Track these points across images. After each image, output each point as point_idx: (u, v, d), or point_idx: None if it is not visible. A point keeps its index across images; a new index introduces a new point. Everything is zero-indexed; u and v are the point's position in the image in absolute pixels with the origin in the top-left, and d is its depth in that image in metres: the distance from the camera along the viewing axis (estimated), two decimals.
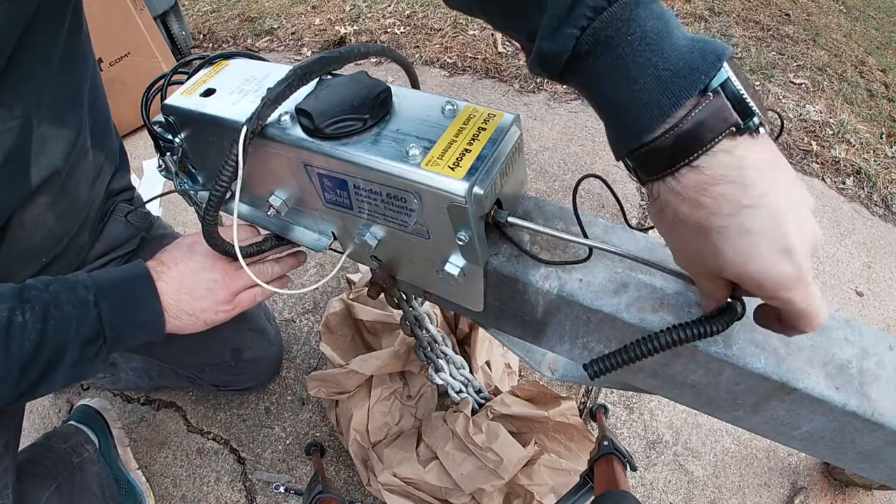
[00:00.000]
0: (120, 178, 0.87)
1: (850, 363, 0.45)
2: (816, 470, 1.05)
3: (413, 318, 0.79)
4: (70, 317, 0.52)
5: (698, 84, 0.33)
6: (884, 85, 2.06)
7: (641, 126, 0.34)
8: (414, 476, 0.92)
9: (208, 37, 2.47)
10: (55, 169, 0.66)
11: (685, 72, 0.33)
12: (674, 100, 0.33)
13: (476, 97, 1.90)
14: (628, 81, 0.34)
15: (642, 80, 0.34)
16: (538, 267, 0.49)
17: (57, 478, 0.84)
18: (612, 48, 0.34)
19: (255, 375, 1.11)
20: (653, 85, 0.33)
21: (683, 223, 0.35)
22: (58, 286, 0.53)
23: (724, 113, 0.33)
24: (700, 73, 0.32)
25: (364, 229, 0.53)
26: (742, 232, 0.32)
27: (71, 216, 0.74)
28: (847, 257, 1.43)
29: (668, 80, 0.33)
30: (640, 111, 0.34)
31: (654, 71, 0.33)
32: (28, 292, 0.51)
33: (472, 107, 0.48)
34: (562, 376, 0.68)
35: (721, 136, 0.33)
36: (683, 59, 0.33)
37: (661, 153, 0.34)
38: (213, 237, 0.54)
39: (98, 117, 0.75)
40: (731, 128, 0.33)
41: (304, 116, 0.48)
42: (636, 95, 0.34)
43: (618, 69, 0.34)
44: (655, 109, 0.33)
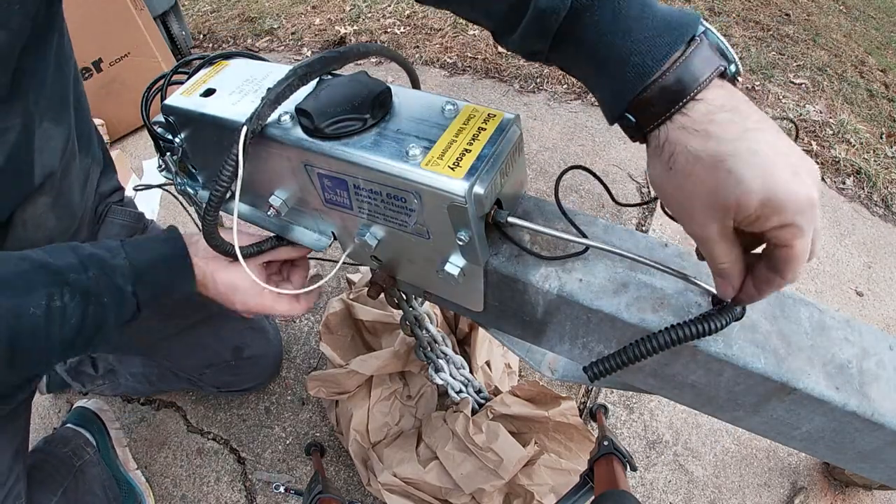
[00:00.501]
0: (107, 181, 0.88)
1: (850, 363, 0.45)
2: (816, 470, 1.05)
3: (413, 318, 0.79)
4: (109, 305, 0.53)
5: (688, 33, 0.36)
6: (884, 85, 2.06)
7: (644, 69, 0.36)
8: (414, 476, 0.92)
9: (208, 37, 2.47)
10: (52, 169, 0.66)
11: (675, 24, 0.36)
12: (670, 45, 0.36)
13: (476, 97, 1.90)
14: (625, 31, 0.37)
15: (638, 30, 0.37)
16: (538, 267, 0.49)
17: (62, 483, 0.84)
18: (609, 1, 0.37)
19: (255, 374, 1.11)
20: (650, 34, 0.36)
21: (696, 159, 0.35)
22: (96, 270, 0.52)
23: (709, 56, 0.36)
24: (687, 25, 0.36)
25: (364, 229, 0.53)
26: (753, 152, 0.33)
27: (68, 217, 0.74)
28: (847, 257, 1.43)
29: (662, 28, 0.36)
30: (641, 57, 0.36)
31: (648, 21, 0.37)
32: (67, 275, 0.51)
33: (472, 107, 0.48)
34: (562, 376, 0.68)
35: (713, 73, 0.36)
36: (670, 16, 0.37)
37: (667, 91, 0.36)
38: (213, 238, 0.54)
39: (81, 120, 0.76)
40: (719, 67, 0.36)
41: (304, 116, 0.48)
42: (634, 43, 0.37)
43: (614, 21, 0.37)
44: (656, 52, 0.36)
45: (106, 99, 1.84)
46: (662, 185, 0.38)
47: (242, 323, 1.03)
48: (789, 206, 0.33)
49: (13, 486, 0.71)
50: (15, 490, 0.71)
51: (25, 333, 0.49)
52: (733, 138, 0.34)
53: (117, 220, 0.88)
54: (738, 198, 0.34)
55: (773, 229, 0.34)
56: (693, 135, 0.35)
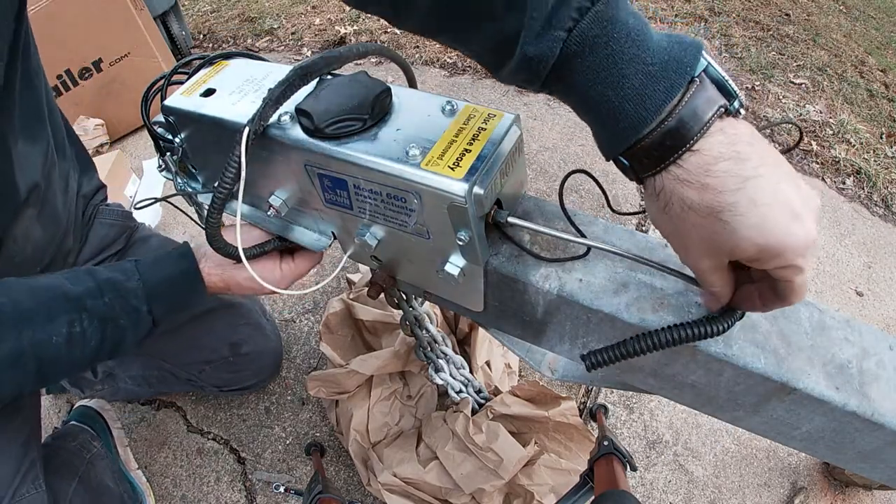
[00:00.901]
0: (88, 181, 0.88)
1: (850, 363, 0.45)
2: (816, 470, 1.05)
3: (413, 318, 0.79)
4: (126, 326, 0.57)
5: (686, 75, 0.34)
6: (884, 85, 2.06)
7: (638, 120, 0.34)
8: (414, 476, 0.92)
9: (208, 37, 2.47)
10: (35, 182, 0.68)
11: (673, 65, 0.34)
12: (667, 91, 0.34)
13: (476, 97, 1.90)
14: (618, 79, 0.35)
15: (632, 76, 0.34)
16: (538, 267, 0.49)
17: (76, 471, 0.84)
18: (600, 47, 0.34)
19: (255, 372, 1.11)
20: (644, 79, 0.34)
21: (692, 210, 0.35)
22: (111, 294, 0.56)
23: (712, 96, 0.34)
24: (685, 64, 0.34)
25: (364, 229, 0.53)
26: (751, 203, 0.33)
27: (54, 225, 0.76)
28: (847, 257, 1.43)
29: (658, 73, 0.34)
30: (635, 106, 0.34)
31: (642, 66, 0.34)
32: (84, 301, 0.55)
33: (472, 107, 0.48)
34: (562, 376, 0.68)
35: (713, 118, 0.34)
36: (667, 52, 0.34)
37: (662, 143, 0.34)
38: (216, 240, 0.54)
39: (55, 126, 0.77)
40: (720, 109, 0.34)
41: (305, 116, 0.48)
42: (629, 91, 0.34)
43: (606, 68, 0.35)
44: (650, 102, 0.34)
45: (106, 99, 1.84)
46: (658, 223, 0.39)
47: (238, 319, 1.03)
48: (787, 252, 0.33)
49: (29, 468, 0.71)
50: (32, 473, 0.71)
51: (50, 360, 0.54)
52: (731, 190, 0.33)
53: (106, 220, 0.89)
54: (734, 246, 0.34)
55: (773, 269, 0.35)
56: (688, 186, 0.34)
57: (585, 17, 0.34)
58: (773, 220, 0.32)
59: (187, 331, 0.96)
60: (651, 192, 0.37)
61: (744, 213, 0.33)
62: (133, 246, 0.92)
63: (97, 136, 1.83)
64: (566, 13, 0.34)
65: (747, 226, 0.33)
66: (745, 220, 0.33)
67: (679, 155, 0.34)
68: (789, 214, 0.33)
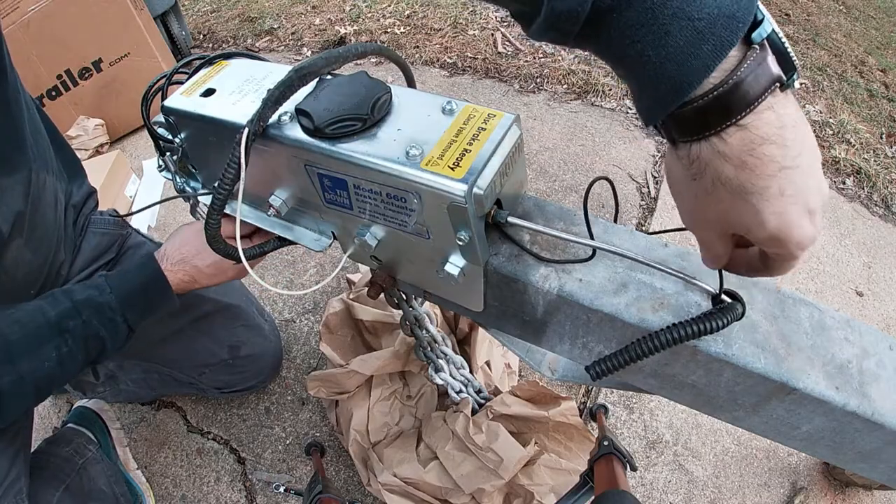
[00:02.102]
0: (78, 189, 0.88)
1: (850, 363, 0.45)
2: (816, 470, 1.05)
3: (413, 318, 0.79)
4: (105, 337, 0.64)
5: (738, 32, 0.30)
6: (884, 85, 2.06)
7: (681, 84, 0.31)
8: (414, 476, 0.92)
9: (208, 37, 2.47)
10: (18, 211, 0.69)
11: (722, 20, 0.30)
12: (715, 52, 0.30)
13: (476, 97, 1.90)
14: (660, 35, 0.31)
15: (676, 32, 0.30)
16: (538, 267, 0.49)
17: (64, 480, 0.84)
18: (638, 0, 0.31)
19: (255, 373, 1.11)
20: (690, 36, 0.30)
21: (724, 185, 0.33)
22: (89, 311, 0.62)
23: (770, 68, 0.31)
24: (737, 20, 0.30)
25: (364, 229, 0.53)
26: (780, 193, 0.32)
27: (45, 245, 0.78)
28: (847, 257, 1.43)
29: (706, 30, 0.30)
30: (678, 67, 0.31)
31: (688, 22, 0.30)
32: (66, 323, 0.61)
33: (472, 107, 0.48)
34: (562, 376, 0.68)
35: (766, 91, 0.31)
36: (717, 5, 0.30)
37: (706, 112, 0.31)
38: (216, 241, 0.54)
39: (40, 148, 0.76)
40: (776, 83, 0.31)
41: (304, 117, 0.48)
42: (672, 50, 0.31)
43: (646, 23, 0.31)
44: (697, 63, 0.30)
45: (106, 99, 1.84)
46: (680, 188, 0.37)
47: (235, 321, 1.03)
48: (793, 244, 0.34)
49: (13, 482, 0.71)
50: (16, 487, 0.71)
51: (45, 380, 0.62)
52: (767, 175, 0.32)
53: (98, 229, 0.89)
54: (750, 226, 0.34)
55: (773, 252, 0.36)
56: (727, 161, 0.32)
57: None
58: (793, 213, 0.33)
59: (185, 335, 0.96)
60: (683, 157, 0.34)
61: (770, 199, 0.32)
62: (126, 253, 0.92)
63: (97, 136, 1.83)
64: None
65: (769, 212, 0.33)
66: (769, 206, 0.32)
67: (724, 127, 0.31)
68: (806, 210, 0.33)
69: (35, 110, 0.76)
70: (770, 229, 0.33)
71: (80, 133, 1.80)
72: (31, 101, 0.75)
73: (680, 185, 0.37)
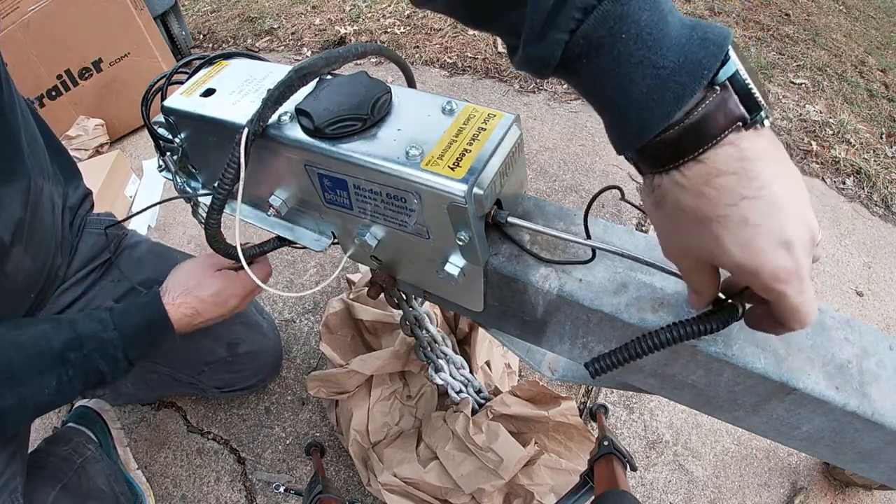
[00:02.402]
0: (74, 191, 0.88)
1: (850, 363, 0.45)
2: (816, 470, 1.05)
3: (413, 318, 0.79)
4: (105, 371, 0.66)
5: (701, 80, 0.31)
6: (884, 85, 2.06)
7: (643, 127, 0.33)
8: (414, 476, 0.92)
9: (208, 37, 2.47)
10: (19, 219, 0.70)
11: (687, 67, 0.31)
12: (677, 99, 0.32)
13: (476, 97, 1.90)
14: (626, 83, 0.33)
15: (641, 80, 0.32)
16: (538, 267, 0.49)
17: (61, 479, 0.84)
18: (606, 50, 0.32)
19: (255, 371, 1.11)
20: (653, 84, 0.32)
21: (684, 213, 0.34)
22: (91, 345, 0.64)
23: (731, 108, 0.32)
24: (702, 67, 0.31)
25: (364, 229, 0.53)
26: (742, 222, 0.32)
27: (44, 250, 0.78)
28: (847, 257, 1.43)
29: (669, 78, 0.32)
30: (641, 112, 0.33)
31: (653, 70, 0.32)
32: (68, 355, 0.63)
33: (472, 107, 0.48)
34: (562, 376, 0.68)
35: (727, 128, 0.32)
36: (683, 52, 0.31)
37: (666, 149, 0.33)
38: (216, 240, 0.54)
39: (37, 151, 0.76)
40: (738, 122, 0.32)
41: (304, 117, 0.48)
42: (636, 97, 0.33)
43: (613, 71, 0.33)
44: (658, 110, 0.32)
45: (106, 99, 1.84)
46: (649, 213, 0.38)
47: (233, 318, 1.03)
48: (764, 276, 0.33)
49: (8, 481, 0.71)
50: (10, 486, 0.71)
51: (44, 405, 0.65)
52: (726, 204, 0.32)
53: (95, 230, 0.89)
54: (714, 256, 0.34)
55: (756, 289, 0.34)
56: (685, 192, 0.33)
57: (590, 17, 0.32)
58: (758, 243, 0.32)
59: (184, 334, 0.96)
60: (648, 185, 0.36)
61: (732, 229, 0.32)
62: (122, 253, 0.92)
63: (97, 136, 1.83)
64: (568, 13, 0.32)
65: (731, 241, 0.33)
66: (731, 234, 0.32)
67: (683, 162, 0.33)
68: (776, 241, 0.32)
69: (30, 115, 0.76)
70: (735, 258, 0.33)
71: (80, 133, 1.80)
72: (27, 107, 0.75)
73: (651, 215, 0.38)
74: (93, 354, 0.64)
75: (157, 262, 0.93)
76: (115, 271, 0.89)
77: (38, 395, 0.63)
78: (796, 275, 0.33)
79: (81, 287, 0.86)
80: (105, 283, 0.88)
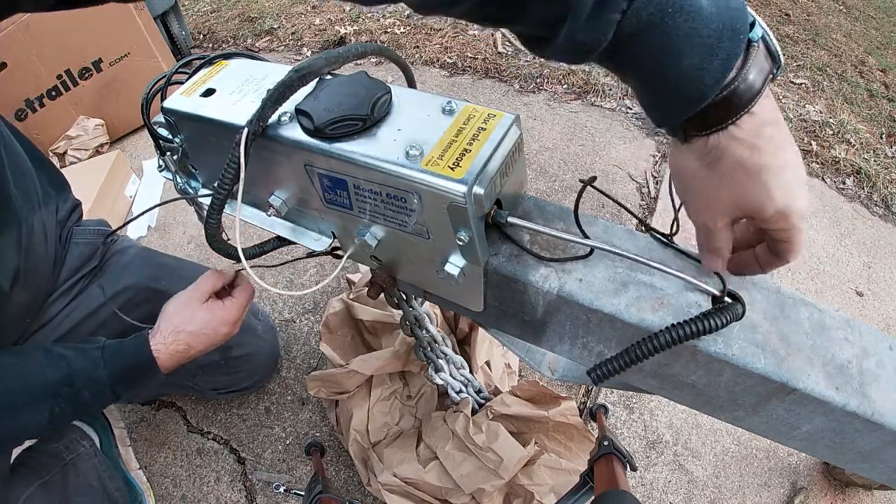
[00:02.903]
0: (63, 204, 0.89)
1: (850, 363, 0.45)
2: (816, 470, 1.05)
3: (413, 318, 0.79)
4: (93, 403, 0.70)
5: (741, 43, 0.34)
6: (884, 85, 2.06)
7: (698, 95, 0.35)
8: (414, 476, 0.92)
9: (208, 37, 2.47)
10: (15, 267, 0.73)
11: (728, 34, 0.34)
12: (724, 64, 0.34)
13: (476, 97, 1.90)
14: (676, 55, 0.34)
15: (690, 51, 0.34)
16: (538, 267, 0.49)
17: (42, 475, 0.84)
18: (655, 25, 0.34)
19: (250, 373, 1.10)
20: (702, 54, 0.34)
21: (741, 166, 0.37)
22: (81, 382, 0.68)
23: (765, 63, 0.36)
24: (738, 32, 0.34)
25: (364, 229, 0.53)
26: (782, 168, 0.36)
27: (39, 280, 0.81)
28: (847, 257, 1.43)
29: (715, 45, 0.34)
30: (693, 82, 0.35)
31: (699, 39, 0.34)
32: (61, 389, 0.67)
33: (472, 107, 0.48)
34: (562, 376, 0.68)
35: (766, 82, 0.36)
36: (720, 19, 0.34)
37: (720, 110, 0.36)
38: (216, 240, 0.54)
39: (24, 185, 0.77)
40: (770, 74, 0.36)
41: (304, 117, 0.48)
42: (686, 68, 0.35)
43: (663, 46, 0.34)
44: (709, 77, 0.34)
45: (106, 99, 1.84)
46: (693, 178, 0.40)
47: None
48: (795, 216, 0.38)
49: None
50: None
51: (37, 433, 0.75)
52: (773, 151, 0.36)
53: (81, 240, 0.90)
54: (762, 204, 0.37)
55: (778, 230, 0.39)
56: (741, 145, 0.36)
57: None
58: (795, 185, 0.37)
59: None
60: (697, 149, 0.38)
61: (777, 174, 0.36)
62: (110, 260, 0.92)
63: (97, 136, 1.83)
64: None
65: (776, 185, 0.36)
66: (776, 179, 0.36)
67: (739, 117, 0.36)
68: (802, 181, 0.37)
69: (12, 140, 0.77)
70: (778, 202, 0.37)
71: (80, 133, 1.80)
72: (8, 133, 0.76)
73: (692, 178, 0.40)
74: (83, 391, 0.68)
75: (144, 266, 0.94)
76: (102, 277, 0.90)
77: (32, 422, 0.67)
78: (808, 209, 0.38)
79: (70, 296, 0.87)
80: (92, 288, 0.89)
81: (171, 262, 0.99)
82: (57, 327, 0.85)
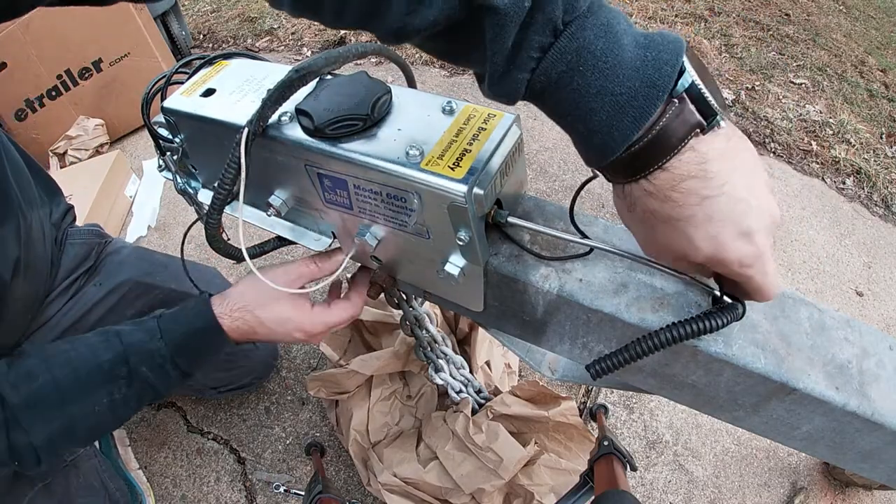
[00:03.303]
0: (56, 209, 0.90)
1: (850, 363, 0.45)
2: (816, 470, 1.05)
3: (413, 318, 0.79)
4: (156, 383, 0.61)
5: (658, 101, 0.33)
6: (884, 85, 2.06)
7: (606, 149, 0.35)
8: (414, 476, 0.92)
9: (208, 37, 2.47)
10: (16, 257, 0.72)
11: (643, 91, 0.33)
12: (635, 122, 0.33)
13: (476, 97, 1.90)
14: (587, 112, 0.34)
15: (600, 109, 0.34)
16: (538, 267, 0.49)
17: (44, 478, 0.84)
18: (566, 83, 0.34)
19: (249, 370, 1.11)
20: (612, 111, 0.34)
21: (653, 216, 0.37)
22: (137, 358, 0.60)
23: (688, 117, 0.34)
24: (658, 89, 0.33)
25: (364, 229, 0.53)
26: (706, 219, 0.35)
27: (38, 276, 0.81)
28: (847, 257, 1.43)
29: (627, 103, 0.33)
30: (603, 137, 0.35)
31: (611, 98, 0.33)
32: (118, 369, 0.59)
33: (472, 107, 0.48)
34: (562, 376, 0.68)
35: (688, 136, 0.34)
36: (639, 76, 0.33)
37: (632, 163, 0.35)
38: (216, 240, 0.54)
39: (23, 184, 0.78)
40: (696, 129, 0.34)
41: (304, 117, 0.48)
42: (597, 123, 0.34)
43: (573, 102, 0.35)
44: (618, 133, 0.34)
45: (106, 99, 1.84)
46: (623, 218, 0.41)
47: None
48: (732, 264, 0.36)
49: None
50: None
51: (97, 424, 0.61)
52: (692, 204, 0.35)
53: (76, 241, 0.91)
54: (686, 252, 0.37)
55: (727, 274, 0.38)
56: (653, 197, 0.36)
57: (548, 54, 0.33)
58: (723, 237, 0.35)
59: None
60: (619, 193, 0.39)
61: (698, 226, 0.35)
62: (104, 260, 0.93)
63: (97, 136, 1.83)
64: (527, 53, 0.33)
65: (700, 238, 0.35)
66: (698, 232, 0.35)
67: (649, 172, 0.35)
68: (738, 233, 0.35)
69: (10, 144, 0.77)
70: (705, 252, 0.36)
71: (80, 133, 1.80)
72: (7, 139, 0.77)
73: (624, 216, 0.40)
74: (140, 367, 0.60)
75: (139, 262, 0.95)
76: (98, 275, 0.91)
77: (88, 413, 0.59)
78: (759, 259, 0.36)
79: (67, 295, 0.88)
80: (89, 287, 0.90)
81: (164, 259, 0.99)
82: (55, 326, 0.85)
